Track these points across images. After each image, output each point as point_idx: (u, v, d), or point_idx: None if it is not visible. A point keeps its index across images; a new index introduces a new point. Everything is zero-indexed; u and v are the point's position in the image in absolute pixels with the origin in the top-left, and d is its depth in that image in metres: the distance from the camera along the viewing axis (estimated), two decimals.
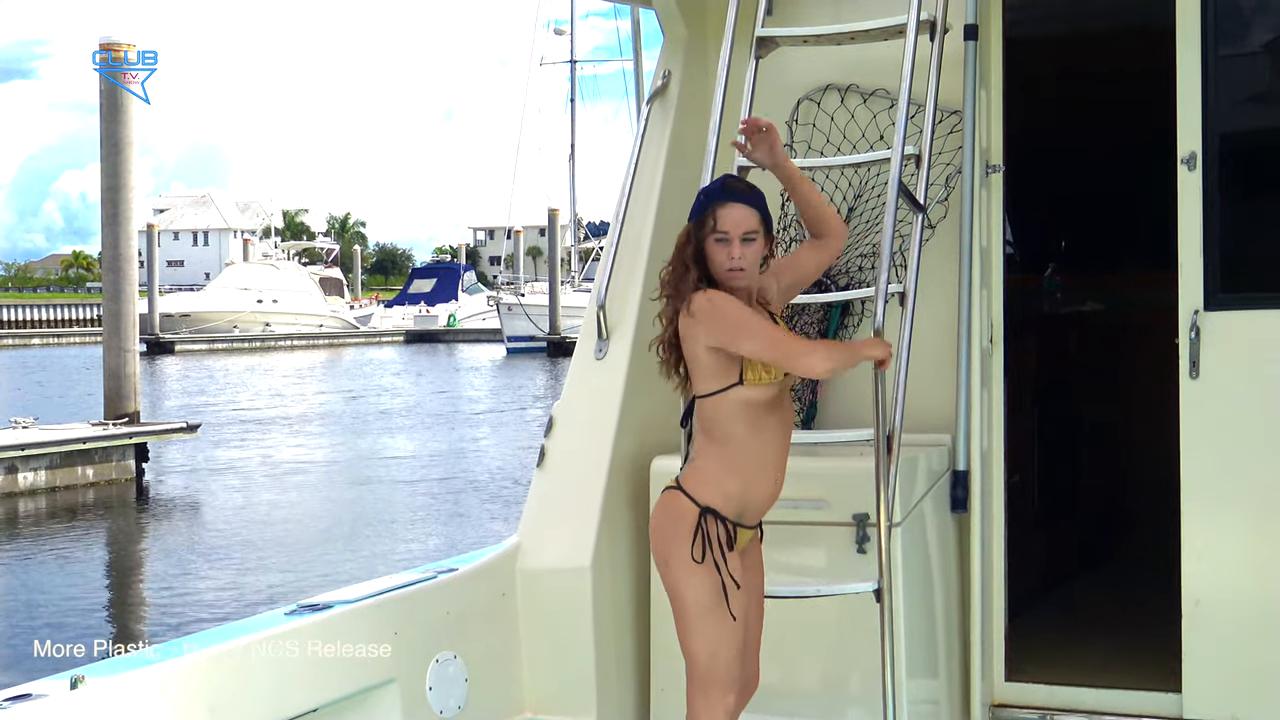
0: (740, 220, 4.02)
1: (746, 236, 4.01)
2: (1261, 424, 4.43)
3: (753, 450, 4.01)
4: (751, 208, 4.04)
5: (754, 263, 4.05)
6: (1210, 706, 4.51)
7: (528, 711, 4.46)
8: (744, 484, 4.00)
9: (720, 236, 4.00)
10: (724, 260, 3.99)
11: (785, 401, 4.13)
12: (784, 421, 4.11)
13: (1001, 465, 4.82)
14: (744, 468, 4.00)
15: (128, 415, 20.28)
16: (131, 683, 3.40)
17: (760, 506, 4.07)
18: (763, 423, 4.01)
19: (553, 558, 4.55)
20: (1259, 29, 4.61)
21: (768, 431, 4.03)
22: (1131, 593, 5.20)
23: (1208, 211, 4.52)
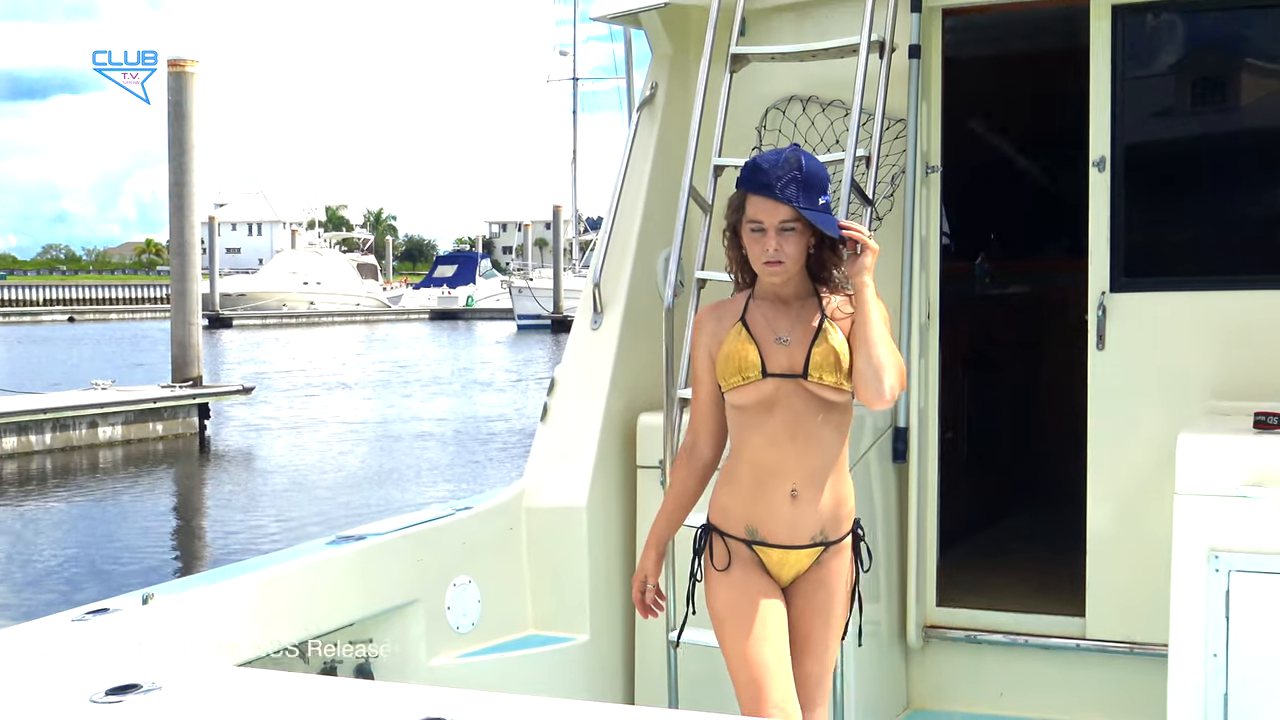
0: (774, 209, 3.21)
1: (784, 227, 3.20)
2: (1156, 387, 4.45)
3: (751, 458, 3.33)
4: (782, 203, 3.19)
5: (796, 256, 3.24)
6: (1108, 628, 4.54)
7: (531, 628, 4.47)
8: (745, 495, 3.34)
9: (755, 226, 3.25)
10: (758, 254, 3.25)
11: (797, 405, 3.27)
12: (794, 430, 3.27)
13: (936, 423, 4.84)
14: (743, 477, 3.34)
15: (192, 379, 20.26)
16: (195, 599, 3.41)
17: (774, 528, 3.30)
18: (757, 426, 3.31)
19: (553, 498, 4.56)
20: (1159, 56, 4.61)
21: (763, 435, 3.30)
22: (1045, 531, 5.22)
23: (1114, 208, 4.53)
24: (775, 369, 3.28)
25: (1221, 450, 3.73)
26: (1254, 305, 4.38)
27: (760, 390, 3.29)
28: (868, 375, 3.22)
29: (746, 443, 3.34)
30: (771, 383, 3.28)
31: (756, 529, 3.33)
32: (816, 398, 3.28)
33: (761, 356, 3.29)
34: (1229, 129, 4.60)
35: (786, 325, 3.32)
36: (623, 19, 5.22)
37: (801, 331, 3.30)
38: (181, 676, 2.62)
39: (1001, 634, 4.73)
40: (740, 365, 3.30)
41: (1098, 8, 4.53)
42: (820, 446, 3.31)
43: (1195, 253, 4.64)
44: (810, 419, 3.30)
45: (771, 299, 3.35)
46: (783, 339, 3.30)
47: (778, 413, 3.29)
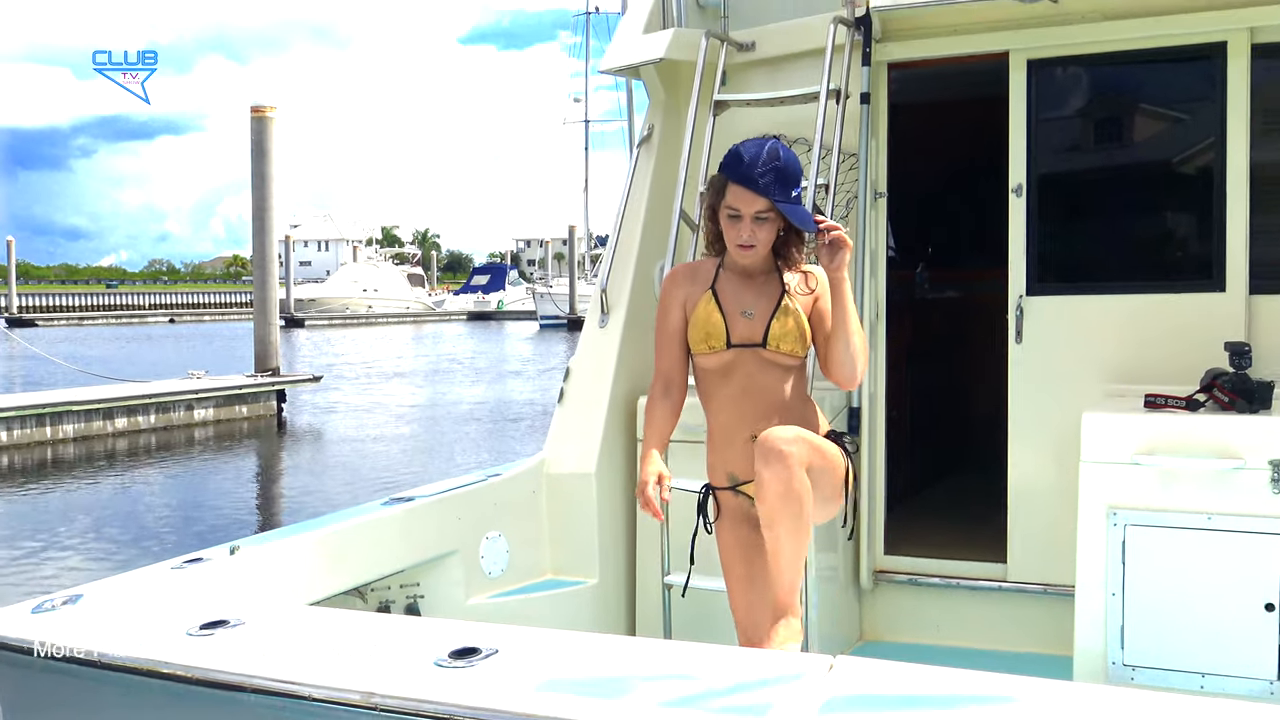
0: (752, 200, 3.07)
1: (759, 216, 3.08)
2: (1064, 374, 4.45)
3: (715, 414, 3.27)
4: (760, 196, 3.05)
5: (767, 241, 3.12)
6: (1026, 572, 4.54)
7: (550, 574, 4.48)
8: (719, 447, 3.28)
9: (732, 213, 3.11)
10: (733, 237, 3.12)
11: (750, 367, 3.18)
12: (746, 388, 3.18)
13: (883, 404, 4.84)
14: (714, 432, 3.29)
15: (271, 369, 20.22)
16: (273, 550, 3.42)
17: (746, 467, 3.17)
18: (716, 388, 3.23)
19: (568, 466, 4.56)
20: (1067, 101, 4.60)
21: (721, 396, 3.23)
22: (974, 493, 5.22)
23: (1029, 226, 4.53)
24: (737, 339, 3.17)
25: (1118, 426, 3.74)
26: (1144, 306, 4.38)
27: (722, 358, 3.18)
28: (845, 361, 3.12)
29: (710, 401, 3.25)
30: (733, 352, 3.18)
31: (734, 473, 3.25)
32: (770, 363, 3.18)
33: (726, 327, 3.17)
34: (1124, 162, 4.60)
35: (751, 298, 3.19)
36: (626, 71, 5.21)
37: (764, 305, 3.18)
38: (261, 614, 2.63)
39: (938, 577, 4.73)
40: (707, 334, 3.18)
41: (1015, 61, 4.53)
42: (771, 398, 3.18)
43: (1096, 263, 4.64)
44: (762, 379, 3.19)
45: (739, 272, 3.21)
46: (747, 312, 3.18)
47: (735, 376, 3.19)
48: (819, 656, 2.21)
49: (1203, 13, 4.21)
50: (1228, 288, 4.23)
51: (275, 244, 21.02)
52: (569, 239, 58.45)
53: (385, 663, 2.26)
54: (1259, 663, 3.53)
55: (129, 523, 11.42)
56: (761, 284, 3.20)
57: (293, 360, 30.38)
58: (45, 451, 15.76)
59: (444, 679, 2.15)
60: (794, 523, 2.98)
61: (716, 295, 3.20)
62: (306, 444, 17.37)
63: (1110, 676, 3.69)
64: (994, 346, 4.70)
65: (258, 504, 13.11)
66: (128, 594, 2.88)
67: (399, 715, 2.11)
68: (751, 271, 3.21)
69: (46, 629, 2.58)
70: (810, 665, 2.17)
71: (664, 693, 2.06)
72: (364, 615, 3.22)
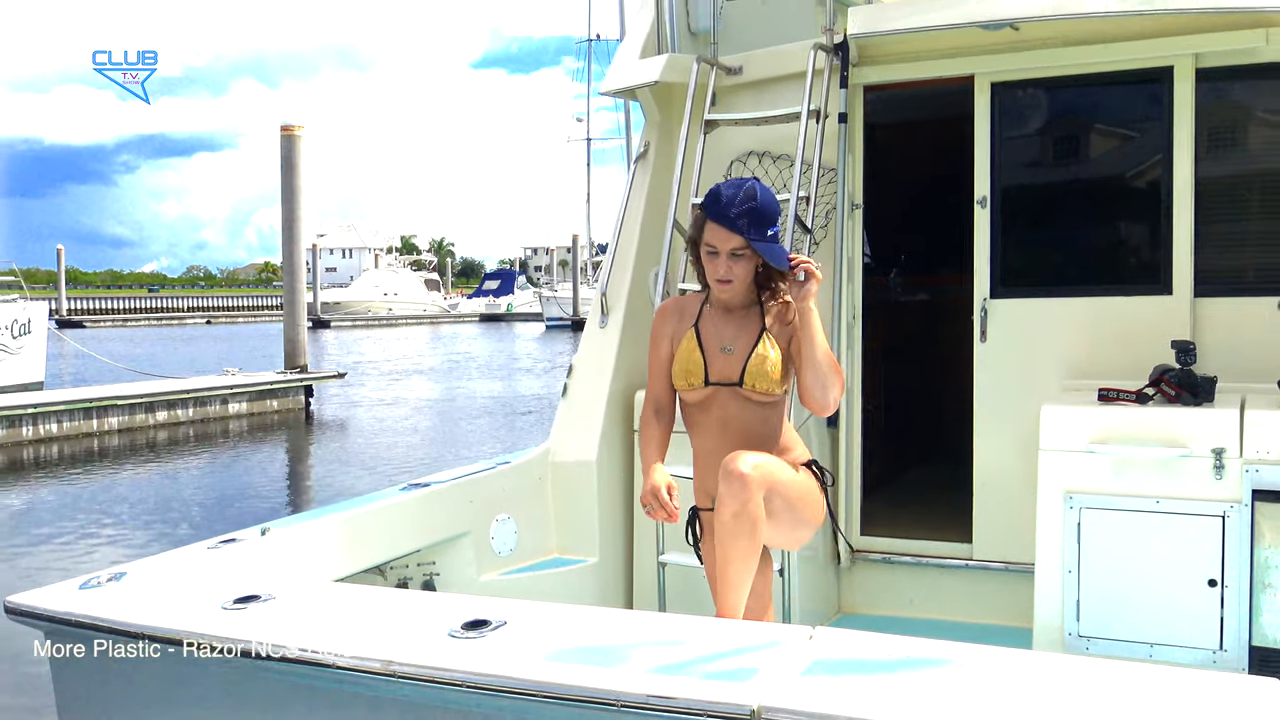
0: (728, 237, 2.96)
1: (735, 253, 2.97)
2: (1025, 370, 4.45)
3: (697, 445, 3.17)
4: (735, 234, 2.94)
5: (744, 277, 3.00)
6: (990, 551, 4.55)
7: (555, 553, 4.48)
8: (700, 474, 3.19)
9: (710, 249, 3.01)
10: (711, 271, 3.02)
11: (727, 403, 3.06)
12: (724, 421, 3.07)
13: (859, 397, 4.84)
14: (697, 460, 3.19)
15: (299, 367, 20.17)
16: (301, 531, 3.41)
17: None
18: (696, 422, 3.14)
19: (571, 455, 4.56)
20: (1027, 121, 4.60)
21: (701, 429, 3.13)
22: (943, 479, 5.22)
23: (993, 236, 4.53)
24: (715, 378, 3.05)
25: (1074, 417, 3.75)
26: (1098, 308, 4.38)
27: (701, 394, 3.08)
28: (814, 390, 2.98)
29: (692, 429, 3.16)
30: (711, 389, 3.06)
31: (715, 497, 3.10)
32: (748, 401, 3.05)
33: (705, 365, 3.06)
34: (1079, 176, 4.60)
35: (731, 334, 3.07)
36: (624, 93, 5.20)
37: (743, 343, 3.05)
38: (290, 589, 2.63)
39: (910, 556, 4.74)
40: (687, 372, 3.07)
41: (980, 84, 4.53)
42: (749, 437, 3.05)
43: (1054, 268, 4.64)
44: (739, 417, 3.07)
45: (721, 307, 3.11)
46: (727, 348, 3.06)
47: (714, 411, 3.08)
48: (800, 627, 2.22)
49: (1151, 40, 4.21)
50: (1174, 291, 4.24)
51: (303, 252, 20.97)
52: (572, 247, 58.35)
53: (403, 634, 2.26)
54: (1203, 634, 3.53)
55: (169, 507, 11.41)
56: (742, 319, 3.08)
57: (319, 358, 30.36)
58: (92, 442, 15.74)
59: (457, 649, 2.16)
60: (745, 542, 2.86)
61: (699, 332, 3.11)
62: (332, 435, 17.34)
63: (1067, 646, 3.69)
64: (961, 345, 4.70)
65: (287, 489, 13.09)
66: (168, 571, 2.88)
67: (416, 682, 2.11)
68: (733, 305, 3.09)
69: (93, 604, 2.58)
70: (792, 635, 2.18)
71: (658, 660, 2.06)
72: (384, 591, 3.21)
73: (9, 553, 9.36)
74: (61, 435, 15.66)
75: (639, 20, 5.23)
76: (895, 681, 1.95)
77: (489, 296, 69.91)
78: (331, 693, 2.25)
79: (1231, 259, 4.27)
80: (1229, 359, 4.04)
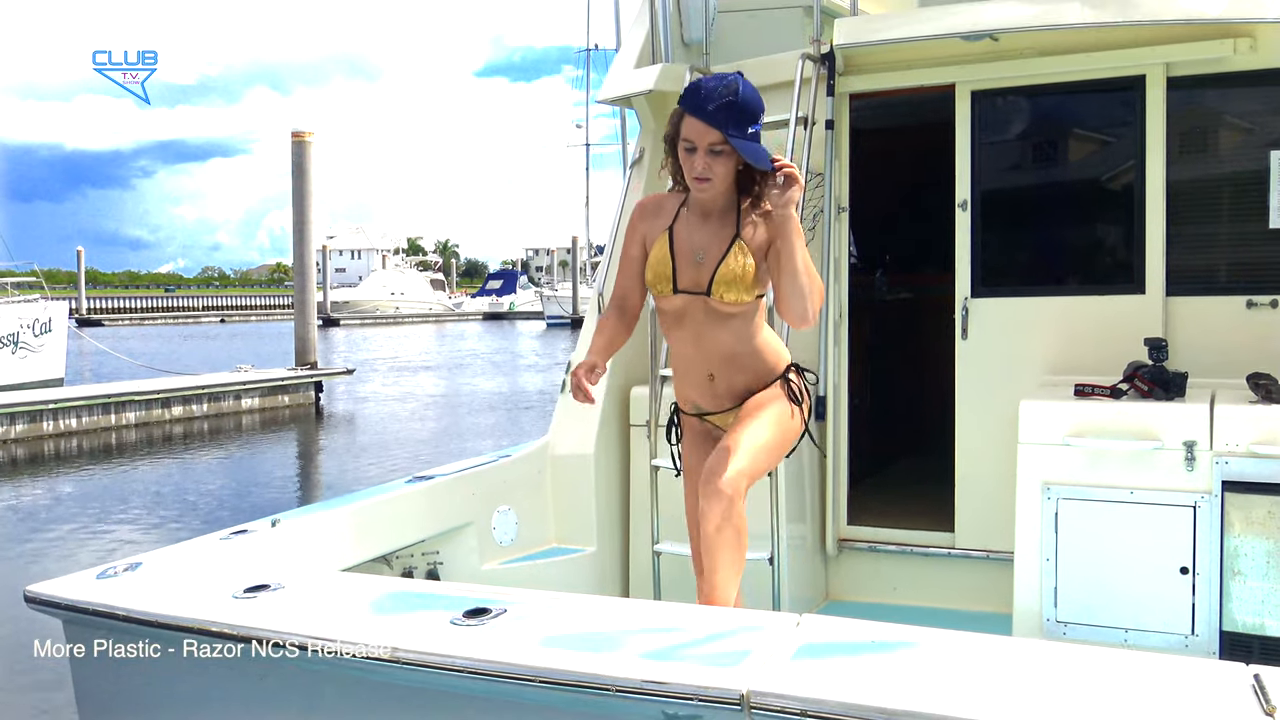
0: (704, 131, 2.68)
1: (713, 149, 2.68)
2: (1005, 366, 4.45)
3: (674, 352, 2.99)
4: (714, 128, 2.65)
5: (724, 176, 2.72)
6: (971, 540, 4.55)
7: (554, 542, 4.47)
8: (680, 381, 3.02)
9: (687, 145, 2.72)
10: (688, 169, 2.73)
11: (699, 315, 2.84)
12: (698, 335, 2.86)
13: (846, 392, 4.83)
14: (676, 368, 3.02)
15: (310, 363, 20.16)
16: (310, 522, 3.41)
17: (706, 401, 2.98)
18: (671, 330, 2.92)
19: (570, 448, 4.55)
20: (1006, 126, 4.60)
21: (676, 338, 2.93)
22: (926, 470, 5.22)
23: (973, 237, 4.53)
24: (684, 286, 2.81)
25: (1052, 412, 3.75)
26: (1075, 307, 4.38)
27: (671, 303, 2.85)
28: (792, 301, 2.72)
29: (669, 337, 2.95)
30: (681, 298, 2.83)
31: (697, 403, 3.00)
32: (717, 311, 2.81)
33: (675, 273, 2.81)
34: (1056, 180, 4.60)
35: (704, 240, 2.81)
36: (620, 101, 5.19)
37: (715, 248, 2.79)
38: (299, 579, 2.63)
39: (895, 545, 4.74)
40: (657, 277, 2.84)
41: (961, 92, 4.53)
42: (724, 346, 2.85)
43: (1032, 269, 4.64)
44: (711, 328, 2.84)
45: (699, 210, 2.83)
46: (699, 255, 2.80)
47: (686, 322, 2.86)
48: (787, 614, 2.22)
49: (1124, 50, 4.21)
50: (1147, 290, 4.24)
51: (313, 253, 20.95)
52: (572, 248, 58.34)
53: (408, 622, 2.26)
54: (1175, 619, 3.54)
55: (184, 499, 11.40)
56: (718, 225, 2.80)
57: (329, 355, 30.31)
58: (110, 436, 15.73)
59: (459, 636, 2.16)
60: (729, 553, 2.76)
61: (672, 236, 2.85)
62: (341, 429, 17.32)
63: (1045, 632, 3.69)
64: (943, 342, 4.70)
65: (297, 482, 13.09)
66: (182, 562, 2.87)
67: (420, 668, 2.11)
68: (710, 210, 2.82)
69: (110, 593, 2.58)
70: (780, 621, 2.18)
71: (651, 646, 2.06)
72: (389, 579, 3.21)
73: (30, 543, 9.35)
74: (81, 430, 15.64)
75: (634, 32, 5.22)
76: (880, 666, 1.95)
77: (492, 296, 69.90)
78: (339, 678, 2.25)
79: (1202, 259, 4.27)
80: (1199, 355, 4.04)
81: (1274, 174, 4.09)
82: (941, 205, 4.72)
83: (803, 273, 2.70)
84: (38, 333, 20.49)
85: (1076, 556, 3.67)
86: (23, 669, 5.84)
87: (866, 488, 5.15)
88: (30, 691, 5.60)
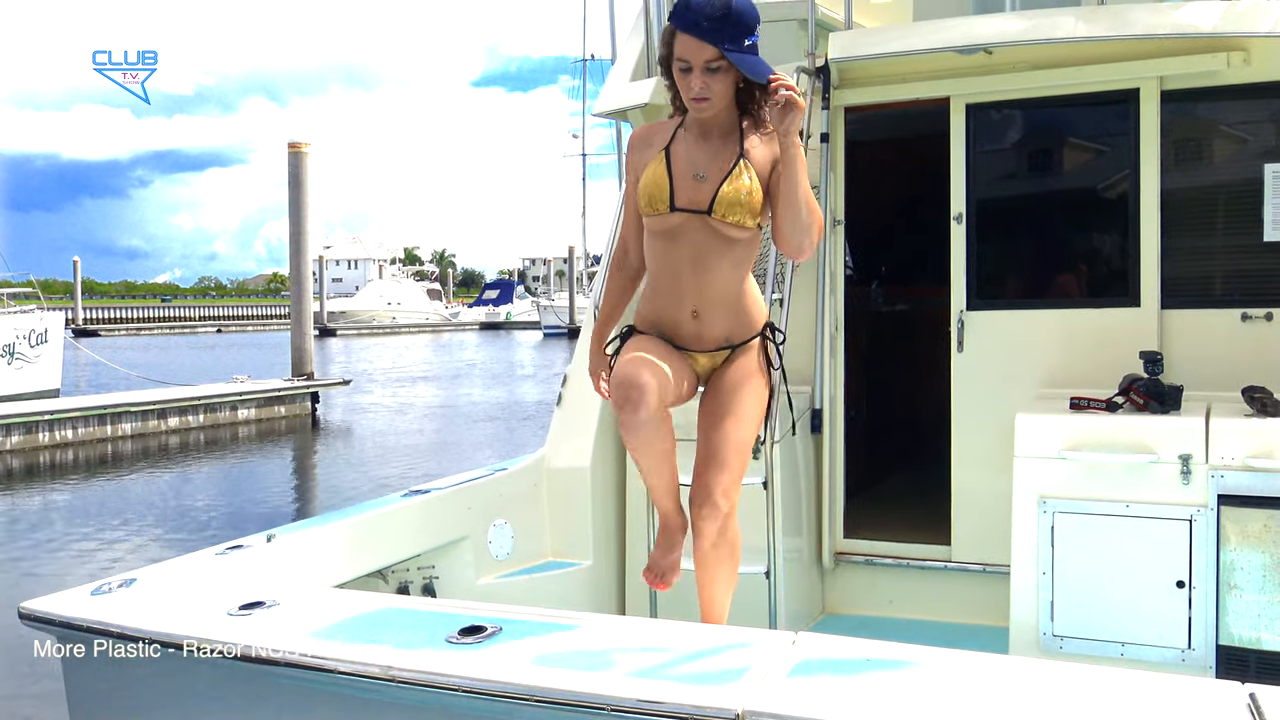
0: (699, 48, 2.52)
1: (709, 66, 2.53)
2: (1000, 379, 4.45)
3: (658, 279, 2.73)
4: (710, 44, 2.50)
5: (723, 94, 2.57)
6: (968, 553, 4.55)
7: (550, 556, 4.46)
8: (656, 309, 2.75)
9: (682, 65, 2.57)
10: (685, 89, 2.57)
11: (697, 238, 2.62)
12: (695, 260, 2.64)
13: (842, 405, 4.83)
14: (653, 296, 2.76)
15: (306, 374, 20.14)
16: (307, 537, 3.40)
17: (687, 334, 2.72)
18: (662, 255, 2.69)
19: (566, 462, 4.54)
20: (1001, 139, 4.61)
21: (666, 265, 2.68)
22: (922, 483, 5.22)
23: (968, 250, 4.54)
24: (683, 204, 2.62)
25: (1047, 425, 3.74)
26: (1069, 320, 4.39)
27: (667, 222, 2.64)
28: (790, 231, 2.58)
29: (654, 267, 2.73)
30: (679, 216, 2.62)
31: (667, 337, 2.75)
32: (718, 234, 2.61)
33: (672, 190, 2.62)
34: (1051, 193, 4.61)
35: (705, 159, 2.63)
36: (616, 114, 5.20)
37: (717, 168, 2.61)
38: (294, 596, 2.62)
39: (891, 558, 4.73)
40: (652, 196, 2.64)
41: (955, 105, 4.54)
42: (719, 278, 2.64)
43: (1027, 282, 4.65)
44: (711, 253, 2.63)
45: (697, 130, 2.66)
46: (700, 175, 2.62)
47: (681, 244, 2.64)
48: (783, 632, 2.22)
49: (1118, 63, 4.23)
50: (1142, 303, 4.25)
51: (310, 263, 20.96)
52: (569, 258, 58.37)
53: (402, 640, 2.25)
54: (1172, 633, 3.53)
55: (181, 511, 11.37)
56: (719, 145, 2.63)
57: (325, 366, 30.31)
58: (106, 448, 15.70)
59: (454, 655, 2.15)
60: (725, 568, 2.77)
61: (669, 156, 2.66)
62: (338, 440, 17.29)
63: (1042, 646, 3.68)
64: (939, 354, 4.70)
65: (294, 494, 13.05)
66: (177, 578, 2.86)
67: (414, 687, 2.10)
68: (710, 130, 2.65)
69: (105, 610, 2.57)
70: (776, 639, 2.18)
71: (646, 664, 2.06)
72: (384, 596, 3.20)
73: (26, 556, 9.32)
74: (77, 441, 15.61)
75: (630, 44, 5.23)
76: (877, 685, 1.95)
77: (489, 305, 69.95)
78: (333, 697, 2.24)
79: (1196, 272, 4.28)
80: (1194, 368, 4.04)
81: (1268, 187, 4.10)
82: (937, 218, 4.73)
83: (804, 203, 2.56)
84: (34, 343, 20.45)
85: (1073, 570, 3.66)
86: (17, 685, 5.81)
87: (863, 500, 5.14)
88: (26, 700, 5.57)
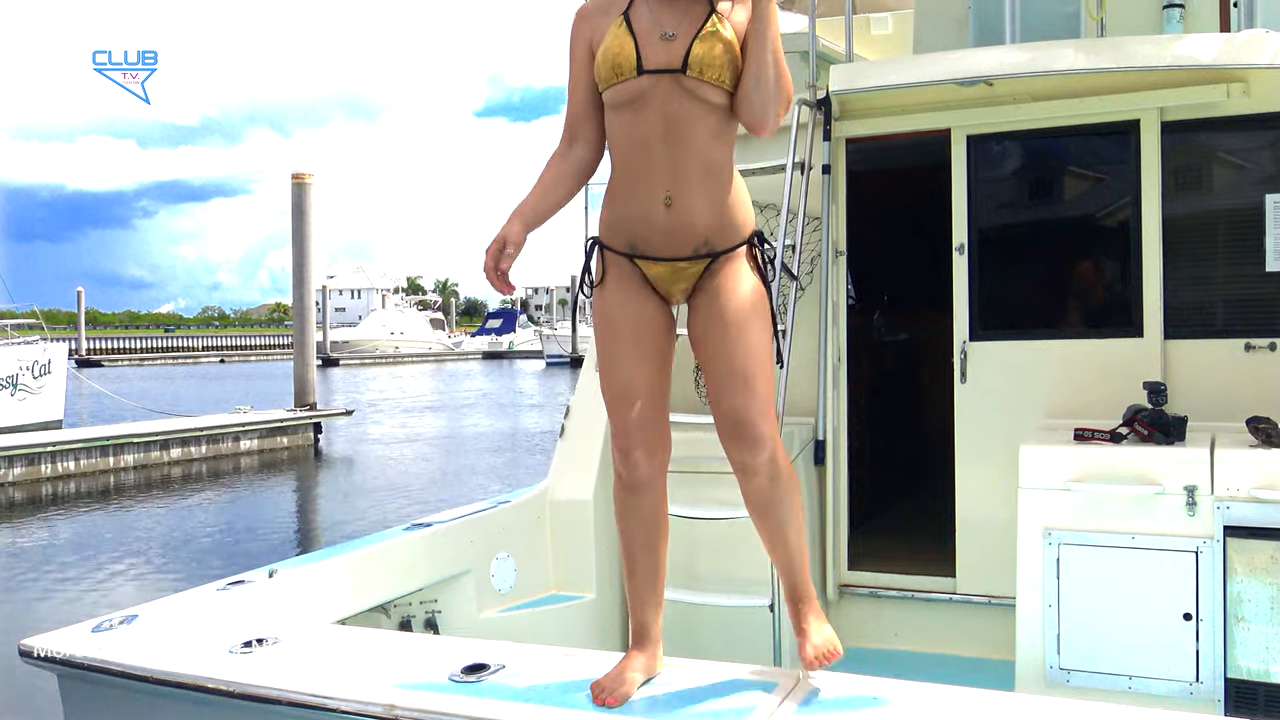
0: None
1: None
2: (1004, 410, 4.45)
3: (624, 164, 2.32)
4: None
5: None
6: (972, 585, 4.53)
7: (553, 589, 4.43)
8: (622, 205, 2.34)
9: None
10: None
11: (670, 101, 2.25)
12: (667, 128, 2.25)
13: (845, 436, 4.82)
14: (619, 187, 2.34)
15: (309, 404, 20.15)
16: (307, 572, 3.38)
17: (652, 236, 2.30)
18: (628, 129, 2.29)
19: (569, 494, 4.53)
20: (1001, 169, 4.64)
21: (632, 139, 2.29)
22: (926, 515, 5.20)
23: (970, 280, 4.55)
24: (652, 65, 2.26)
25: (1051, 456, 3.74)
26: (1073, 350, 4.39)
27: (633, 89, 2.27)
28: (754, 97, 2.26)
29: (619, 148, 2.33)
30: (647, 79, 2.26)
31: (635, 242, 2.33)
32: (694, 97, 2.25)
33: (638, 52, 2.27)
34: (1053, 223, 4.62)
35: (672, 20, 2.30)
36: None
37: (688, 25, 2.28)
38: (295, 632, 2.61)
39: (895, 590, 4.71)
40: (615, 63, 2.28)
41: (956, 136, 4.57)
42: (695, 149, 2.26)
43: (1030, 312, 4.65)
44: (685, 120, 2.26)
45: None
46: (668, 34, 2.28)
47: (650, 113, 2.26)
48: (789, 671, 2.21)
49: (1119, 95, 4.25)
50: (1145, 333, 4.25)
51: (313, 293, 21.00)
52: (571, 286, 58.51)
53: (404, 678, 2.24)
54: (1179, 666, 3.51)
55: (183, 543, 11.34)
56: (686, 5, 2.31)
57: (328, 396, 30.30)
58: (108, 479, 15.68)
59: (457, 693, 2.14)
60: (789, 507, 2.39)
61: (629, 19, 2.33)
62: (340, 471, 17.26)
63: (1048, 679, 3.66)
64: (942, 385, 4.70)
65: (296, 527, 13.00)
66: (178, 614, 2.85)
67: None
68: None
69: (106, 647, 2.55)
70: (783, 677, 2.16)
71: (650, 704, 2.04)
72: (386, 633, 3.18)
73: (27, 589, 9.29)
74: (79, 472, 15.60)
75: None
76: None
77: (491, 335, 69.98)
78: None
79: (1199, 303, 4.29)
80: (1198, 399, 4.04)
81: (1270, 217, 4.12)
82: (939, 248, 4.74)
83: (773, 63, 2.26)
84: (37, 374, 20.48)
85: (1079, 602, 3.64)
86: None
87: (866, 532, 5.12)
88: None
